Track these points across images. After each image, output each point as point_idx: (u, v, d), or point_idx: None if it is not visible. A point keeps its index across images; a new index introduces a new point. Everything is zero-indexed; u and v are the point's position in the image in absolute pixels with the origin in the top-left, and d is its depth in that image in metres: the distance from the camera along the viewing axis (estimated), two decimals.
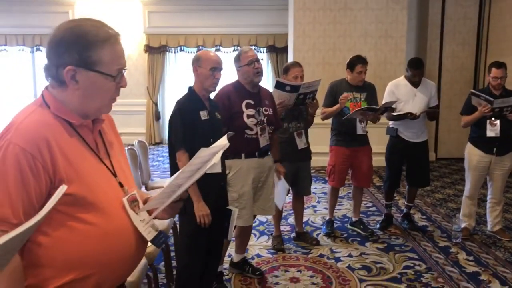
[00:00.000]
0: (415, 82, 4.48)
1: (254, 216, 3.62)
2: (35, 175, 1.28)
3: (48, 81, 1.42)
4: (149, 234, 1.46)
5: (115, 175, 1.46)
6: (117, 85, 1.42)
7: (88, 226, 1.33)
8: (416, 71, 4.43)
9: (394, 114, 4.45)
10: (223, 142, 1.68)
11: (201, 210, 2.73)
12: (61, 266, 1.30)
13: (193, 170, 1.46)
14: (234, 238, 3.71)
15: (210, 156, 1.48)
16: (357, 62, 4.33)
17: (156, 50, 9.87)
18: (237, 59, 3.31)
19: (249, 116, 3.25)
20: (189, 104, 2.82)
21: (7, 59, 10.35)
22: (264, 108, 3.35)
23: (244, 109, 3.25)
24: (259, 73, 3.28)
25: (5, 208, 1.25)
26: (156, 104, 10.08)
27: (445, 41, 8.14)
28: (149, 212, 1.52)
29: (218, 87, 3.03)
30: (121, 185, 1.46)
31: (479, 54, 8.11)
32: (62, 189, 1.15)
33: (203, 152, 1.46)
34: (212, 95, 3.05)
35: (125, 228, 1.41)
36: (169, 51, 9.97)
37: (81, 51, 1.34)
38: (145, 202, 1.57)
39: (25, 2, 9.55)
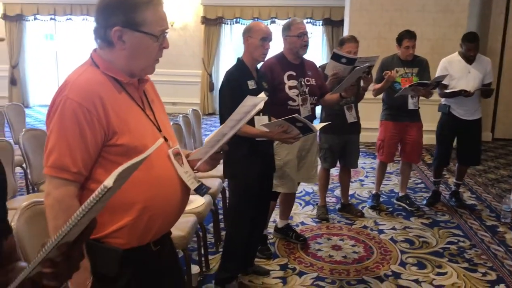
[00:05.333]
0: (469, 57, 4.37)
1: (298, 184, 3.74)
2: (91, 128, 1.38)
3: (97, 43, 1.51)
4: (192, 184, 1.58)
5: (159, 129, 1.55)
6: (160, 46, 1.50)
7: (139, 173, 1.38)
8: (471, 44, 4.32)
9: (447, 91, 4.39)
10: (262, 96, 1.85)
11: (281, 135, 2.76)
12: (116, 210, 1.42)
13: (237, 119, 1.58)
14: (278, 205, 3.87)
15: (251, 108, 1.60)
16: (404, 37, 4.29)
17: (212, 22, 10.03)
18: (287, 28, 3.35)
19: (291, 88, 3.31)
20: (238, 74, 2.92)
21: (72, 28, 10.85)
22: (306, 78, 3.39)
23: (286, 80, 3.31)
24: (306, 46, 3.33)
25: (66, 158, 1.37)
26: (210, 75, 10.29)
27: (510, 16, 7.76)
28: (193, 163, 1.64)
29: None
30: (165, 139, 1.54)
31: None
32: None
33: (248, 101, 1.59)
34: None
35: (171, 176, 1.52)
36: (225, 23, 10.10)
37: (126, 12, 1.42)
38: (187, 157, 1.67)
39: None
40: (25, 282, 0.92)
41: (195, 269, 3.09)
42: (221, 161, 1.81)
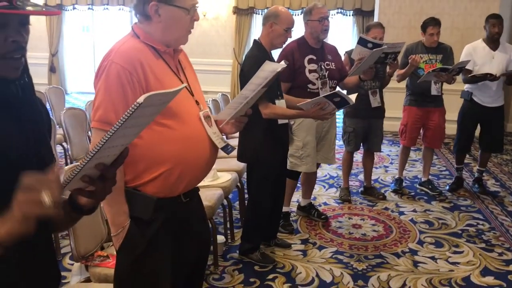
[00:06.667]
0: (494, 36, 4.42)
1: (318, 165, 3.89)
2: (132, 88, 1.58)
3: (136, 18, 1.74)
4: (219, 144, 1.77)
5: (192, 94, 1.74)
6: (192, 19, 1.70)
7: (173, 131, 1.62)
8: (495, 20, 4.40)
9: (472, 75, 4.44)
10: (282, 63, 2.05)
11: (318, 112, 2.86)
12: (152, 163, 1.63)
13: (258, 83, 1.76)
14: (300, 185, 4.04)
15: (270, 73, 1.78)
16: (428, 24, 4.38)
17: (244, 12, 10.19)
18: (309, 12, 3.47)
19: (311, 71, 3.43)
20: (261, 56, 2.98)
21: (108, 19, 11.23)
22: (326, 62, 3.51)
23: (306, 64, 3.43)
24: (326, 30, 3.46)
25: (110, 114, 1.58)
26: (241, 65, 10.46)
27: None
28: (219, 123, 1.83)
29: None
30: (197, 103, 1.74)
31: None
32: None
33: (266, 67, 1.78)
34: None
35: (201, 135, 1.71)
36: (256, 13, 10.25)
37: None
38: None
39: None
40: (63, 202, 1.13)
41: (220, 238, 3.31)
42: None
